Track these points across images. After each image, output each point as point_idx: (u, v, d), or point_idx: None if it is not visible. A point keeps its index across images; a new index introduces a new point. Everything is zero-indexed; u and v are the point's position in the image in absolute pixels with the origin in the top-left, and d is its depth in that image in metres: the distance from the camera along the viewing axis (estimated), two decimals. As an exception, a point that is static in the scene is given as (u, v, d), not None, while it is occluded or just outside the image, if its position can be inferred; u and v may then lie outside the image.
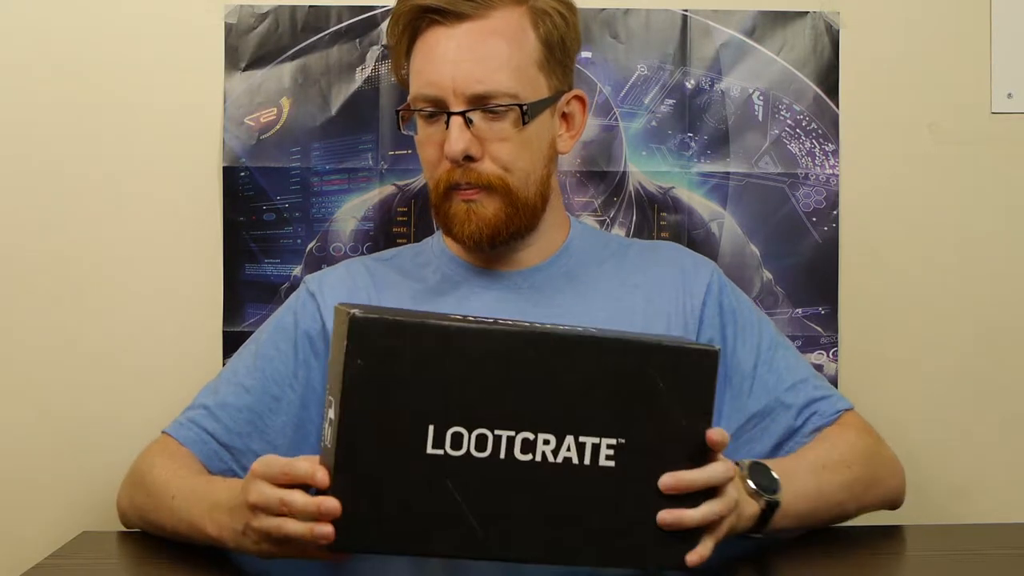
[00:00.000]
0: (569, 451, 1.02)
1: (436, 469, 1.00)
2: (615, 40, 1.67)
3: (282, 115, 1.66)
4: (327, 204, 1.66)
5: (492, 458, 1.01)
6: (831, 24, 1.68)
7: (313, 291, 1.44)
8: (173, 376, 1.63)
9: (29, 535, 1.59)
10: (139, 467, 1.37)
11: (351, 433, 0.99)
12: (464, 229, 1.36)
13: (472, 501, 1.00)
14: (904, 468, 1.43)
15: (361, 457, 0.99)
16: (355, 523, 1.00)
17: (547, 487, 1.02)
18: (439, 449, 1.00)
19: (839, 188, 1.68)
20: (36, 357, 1.65)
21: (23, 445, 1.64)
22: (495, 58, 1.34)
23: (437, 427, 1.00)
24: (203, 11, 1.66)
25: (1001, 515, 1.63)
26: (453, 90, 1.33)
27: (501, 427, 1.01)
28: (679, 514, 1.06)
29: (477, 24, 1.35)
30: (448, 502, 1.00)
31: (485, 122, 1.34)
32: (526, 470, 1.01)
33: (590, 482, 1.02)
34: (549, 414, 1.02)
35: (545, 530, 1.02)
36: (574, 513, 1.03)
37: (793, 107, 1.67)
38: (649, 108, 1.67)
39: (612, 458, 1.03)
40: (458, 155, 1.33)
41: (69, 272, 1.65)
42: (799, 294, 1.67)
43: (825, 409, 1.42)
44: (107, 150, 1.65)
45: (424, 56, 1.36)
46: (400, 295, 1.42)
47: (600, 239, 1.51)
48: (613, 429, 1.03)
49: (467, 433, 1.00)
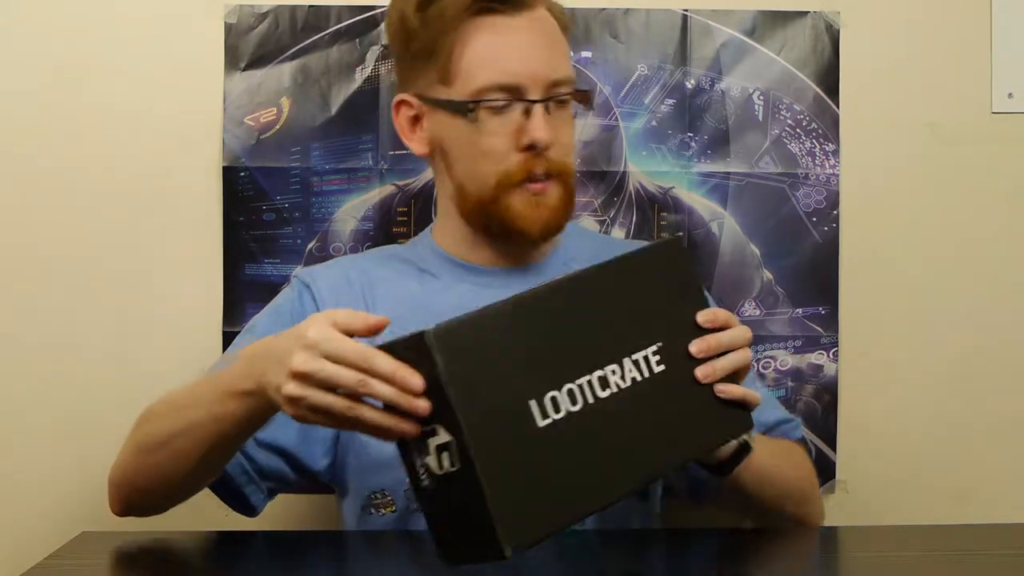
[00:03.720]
0: (632, 371, 1.08)
1: (555, 437, 1.03)
2: (615, 40, 1.67)
3: (282, 115, 1.66)
4: (327, 204, 1.66)
5: (585, 406, 1.05)
6: (831, 24, 1.68)
7: (307, 283, 1.43)
8: (173, 376, 1.62)
9: (29, 535, 1.59)
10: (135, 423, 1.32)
11: (480, 443, 0.99)
12: (534, 224, 1.35)
13: (591, 451, 1.05)
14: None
15: (495, 460, 0.99)
16: (521, 521, 1.00)
17: (633, 409, 1.08)
18: (547, 419, 1.03)
19: (839, 188, 1.68)
20: (36, 357, 1.65)
21: (23, 445, 1.64)
22: (559, 46, 1.37)
23: (537, 400, 1.02)
24: (203, 11, 1.66)
25: (1001, 515, 1.63)
26: (532, 78, 1.33)
27: (578, 376, 1.06)
28: (731, 387, 1.15)
29: (531, 14, 1.36)
30: (578, 462, 1.04)
31: (555, 110, 1.35)
32: (613, 403, 1.07)
33: (658, 389, 1.10)
34: (603, 348, 1.08)
35: (649, 448, 1.09)
36: (661, 421, 1.10)
37: (793, 107, 1.67)
38: (649, 108, 1.67)
39: (661, 362, 1.10)
40: (550, 143, 1.33)
41: (69, 272, 1.65)
42: (799, 294, 1.67)
43: (789, 432, 1.46)
44: (107, 150, 1.65)
45: (491, 45, 1.33)
46: (395, 293, 1.42)
47: (591, 239, 1.52)
48: (649, 337, 1.10)
49: (559, 393, 1.04)
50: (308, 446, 1.37)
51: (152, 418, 1.28)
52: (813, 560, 1.28)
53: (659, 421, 1.10)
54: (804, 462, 1.45)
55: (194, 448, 1.20)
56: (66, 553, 1.26)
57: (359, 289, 1.42)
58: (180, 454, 1.22)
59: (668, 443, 1.11)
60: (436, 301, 1.40)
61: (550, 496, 1.02)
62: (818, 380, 1.67)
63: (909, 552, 1.31)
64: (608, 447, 1.06)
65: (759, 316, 1.67)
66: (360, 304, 1.41)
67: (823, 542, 1.30)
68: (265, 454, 1.35)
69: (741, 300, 1.66)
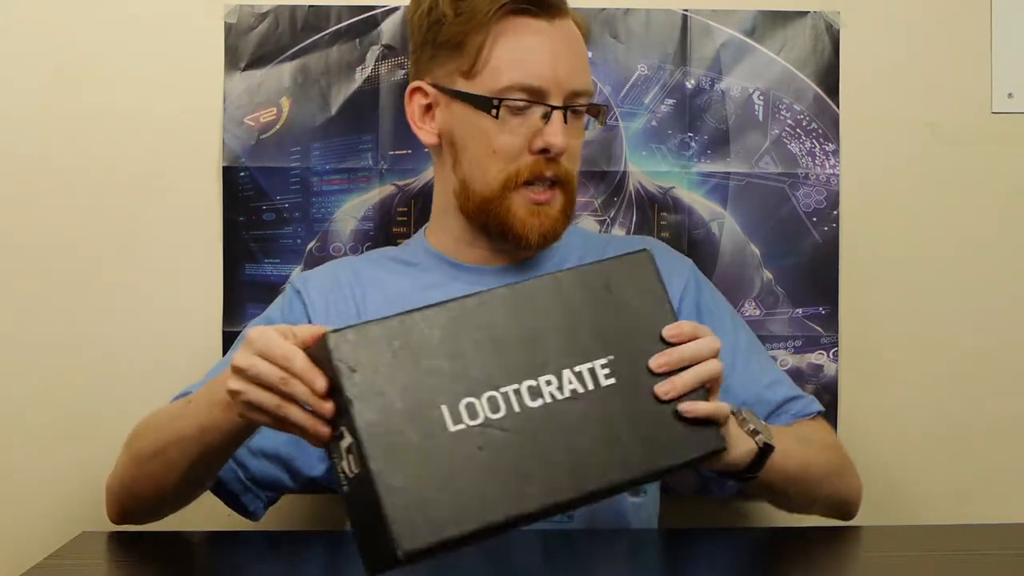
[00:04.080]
0: (571, 383, 1.05)
1: (467, 443, 1.01)
2: (615, 40, 1.67)
3: (282, 115, 1.66)
4: (327, 204, 1.66)
5: (509, 415, 1.02)
6: (831, 24, 1.68)
7: (299, 288, 1.44)
8: (173, 376, 1.62)
9: (29, 535, 1.59)
10: (130, 433, 1.34)
11: (374, 443, 0.98)
12: (533, 231, 1.36)
13: (509, 460, 1.02)
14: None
15: (392, 461, 0.99)
16: (416, 525, 0.98)
17: (568, 423, 1.04)
18: (459, 425, 1.01)
19: (839, 188, 1.68)
20: (36, 356, 1.65)
21: (22, 445, 1.64)
22: (583, 58, 1.39)
23: (450, 405, 1.01)
24: (203, 11, 1.66)
25: (1001, 515, 1.63)
26: (556, 84, 1.34)
27: (505, 384, 1.03)
28: (695, 405, 1.08)
29: (565, 22, 1.38)
30: (493, 470, 1.01)
31: (571, 119, 1.37)
32: (544, 415, 1.03)
33: (603, 404, 1.06)
34: (538, 358, 1.05)
35: (587, 464, 1.04)
36: (605, 436, 1.05)
37: (793, 107, 1.67)
38: (649, 108, 1.67)
39: (612, 375, 1.06)
40: (565, 149, 1.35)
41: (69, 272, 1.65)
42: (799, 294, 1.67)
43: (800, 408, 1.44)
44: (107, 150, 1.65)
45: (522, 46, 1.35)
46: (386, 293, 1.42)
47: (579, 235, 1.52)
48: (599, 350, 1.07)
49: (477, 400, 1.02)
50: (302, 451, 1.36)
51: (147, 429, 1.29)
52: (813, 560, 1.28)
53: (603, 436, 1.05)
54: (828, 437, 1.43)
55: (183, 458, 1.22)
56: (66, 553, 1.26)
57: (349, 290, 1.42)
58: (171, 464, 1.24)
59: (615, 461, 1.05)
60: (427, 300, 1.39)
61: (454, 502, 0.99)
62: (818, 380, 1.67)
63: (909, 552, 1.31)
64: (532, 458, 1.02)
65: (759, 316, 1.67)
66: (350, 305, 1.41)
67: (823, 542, 1.30)
68: (259, 461, 1.36)
69: (741, 300, 1.66)
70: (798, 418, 1.44)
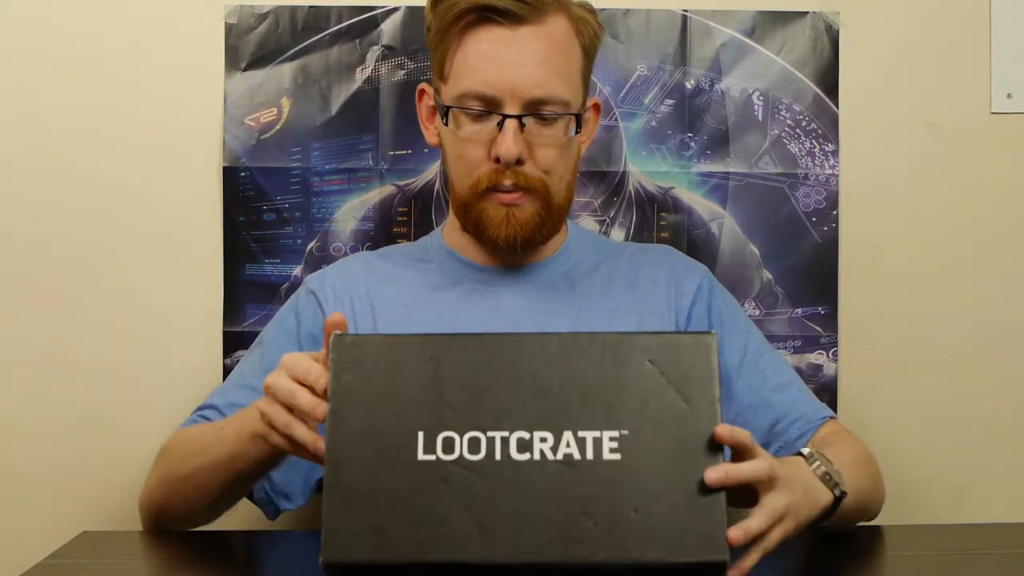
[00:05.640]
0: (569, 447, 1.00)
1: (432, 475, 0.99)
2: (615, 40, 1.67)
3: (282, 115, 1.66)
4: (327, 204, 1.66)
5: (487, 460, 1.00)
6: (831, 24, 1.68)
7: (314, 289, 1.44)
8: (173, 376, 1.63)
9: (29, 535, 1.59)
10: (161, 450, 1.37)
11: (335, 447, 0.99)
12: (501, 232, 1.36)
13: (470, 504, 0.99)
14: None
15: (350, 470, 0.99)
16: (346, 536, 0.97)
17: (550, 485, 1.00)
18: (430, 455, 0.99)
19: (839, 188, 1.68)
20: (36, 356, 1.65)
21: (23, 445, 1.64)
22: (554, 64, 1.34)
23: (426, 433, 1.00)
24: (203, 11, 1.66)
25: (1001, 515, 1.63)
26: (512, 92, 1.32)
27: (492, 429, 1.00)
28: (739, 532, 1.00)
29: (535, 28, 1.34)
30: (443, 506, 0.99)
31: (536, 127, 1.34)
32: (525, 469, 1.00)
33: (596, 476, 1.00)
34: (543, 413, 1.01)
35: (554, 528, 0.99)
36: (583, 509, 1.00)
37: (793, 107, 1.68)
38: (649, 108, 1.67)
39: (617, 450, 1.01)
40: (513, 159, 1.32)
41: (69, 272, 1.65)
42: (799, 294, 1.67)
43: (811, 414, 1.42)
44: (107, 150, 1.65)
45: (481, 54, 1.34)
46: (399, 291, 1.42)
47: (595, 241, 1.52)
48: (614, 422, 1.01)
49: (458, 436, 1.00)
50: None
51: (179, 450, 1.33)
52: (811, 559, 1.28)
53: (587, 511, 0.99)
54: (859, 454, 1.37)
55: (215, 483, 1.27)
56: (66, 553, 1.26)
57: (363, 288, 1.43)
58: (203, 487, 1.29)
59: (597, 534, 0.98)
60: (439, 297, 1.41)
61: (398, 527, 0.98)
62: (818, 380, 1.67)
63: (908, 551, 1.31)
64: (494, 510, 0.98)
65: (759, 316, 1.67)
66: (364, 301, 1.41)
67: (822, 542, 1.30)
68: (281, 472, 1.36)
69: (741, 300, 1.66)
70: (805, 432, 1.40)
